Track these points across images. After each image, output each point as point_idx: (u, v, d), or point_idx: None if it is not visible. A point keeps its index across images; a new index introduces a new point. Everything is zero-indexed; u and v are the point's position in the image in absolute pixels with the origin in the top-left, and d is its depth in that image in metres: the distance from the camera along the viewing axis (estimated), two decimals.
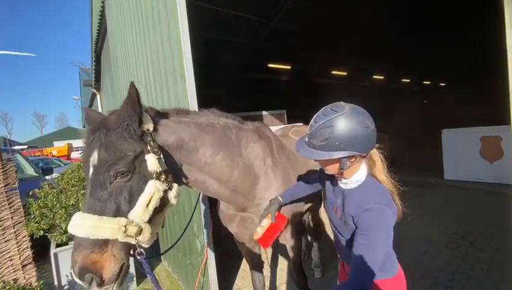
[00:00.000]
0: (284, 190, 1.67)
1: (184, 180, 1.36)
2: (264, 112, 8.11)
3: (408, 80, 19.23)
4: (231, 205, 1.69)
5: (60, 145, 26.12)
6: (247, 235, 1.78)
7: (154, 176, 1.12)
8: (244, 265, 3.30)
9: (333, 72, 14.24)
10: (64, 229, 2.77)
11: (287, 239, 1.80)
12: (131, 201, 1.08)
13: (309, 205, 2.21)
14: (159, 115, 1.30)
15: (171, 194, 1.18)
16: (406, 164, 7.58)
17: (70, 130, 53.97)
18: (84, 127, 22.66)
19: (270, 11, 8.66)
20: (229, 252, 2.67)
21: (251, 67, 11.15)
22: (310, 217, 2.96)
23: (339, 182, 1.20)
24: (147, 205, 1.09)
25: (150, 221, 1.11)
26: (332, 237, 1.45)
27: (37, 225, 2.68)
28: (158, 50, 2.73)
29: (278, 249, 3.44)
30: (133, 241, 1.07)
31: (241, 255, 2.17)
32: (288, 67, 12.43)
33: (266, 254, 2.17)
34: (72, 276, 2.72)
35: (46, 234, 2.77)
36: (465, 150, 5.71)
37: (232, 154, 1.50)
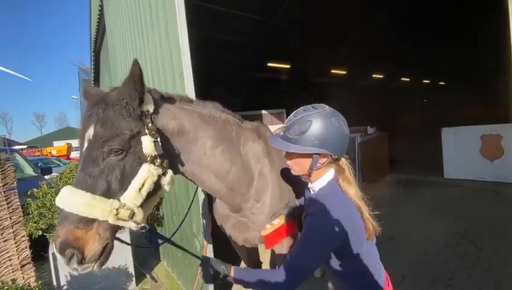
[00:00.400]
0: (279, 192, 1.65)
1: (180, 168, 1.32)
2: (263, 111, 8.07)
3: (408, 79, 19.20)
4: (226, 205, 1.67)
5: (59, 145, 26.09)
6: (241, 239, 1.76)
7: (148, 159, 1.10)
8: (244, 265, 3.29)
9: (333, 71, 14.20)
10: None
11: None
12: (123, 181, 1.06)
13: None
14: (162, 98, 1.29)
15: (165, 180, 1.16)
16: (406, 162, 7.58)
17: (70, 129, 53.92)
18: None
19: (269, 9, 8.63)
20: (228, 252, 2.66)
21: (250, 66, 11.12)
22: None
23: (309, 189, 1.19)
24: (140, 189, 1.07)
25: (142, 205, 1.10)
26: None
27: (35, 224, 2.67)
28: (156, 48, 2.71)
29: (275, 250, 3.44)
30: (126, 225, 1.06)
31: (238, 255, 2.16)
32: (288, 66, 12.40)
33: (264, 255, 2.16)
34: (69, 276, 2.72)
35: (45, 233, 2.75)
36: (465, 148, 5.70)
37: (231, 149, 1.48)
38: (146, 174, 1.08)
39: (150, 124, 1.12)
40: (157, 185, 1.14)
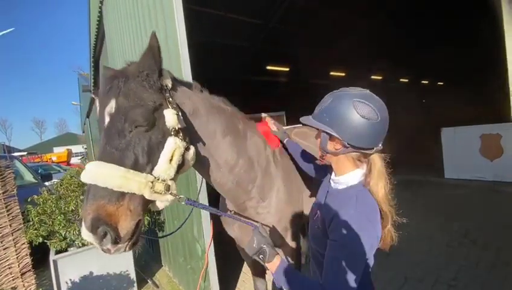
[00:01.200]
0: (285, 191, 1.64)
1: (197, 147, 1.31)
2: (263, 114, 8.10)
3: (406, 80, 19.28)
4: (232, 203, 1.65)
5: (59, 151, 26.14)
6: (247, 241, 1.74)
7: (172, 132, 1.09)
8: (246, 268, 3.28)
9: (332, 73, 14.29)
10: (63, 235, 2.75)
11: (285, 243, 1.77)
12: (150, 154, 1.04)
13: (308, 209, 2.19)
14: (176, 80, 1.30)
15: (189, 155, 1.15)
16: (406, 163, 7.57)
17: (70, 135, 54.03)
18: (83, 132, 22.68)
19: (267, 13, 8.69)
20: (230, 255, 2.65)
21: (250, 70, 11.18)
22: None
23: (330, 180, 1.11)
24: (170, 160, 1.05)
25: (174, 178, 1.09)
26: None
27: (36, 231, 2.66)
28: None
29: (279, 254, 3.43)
30: (161, 199, 1.03)
31: (241, 258, 2.15)
32: (287, 69, 12.47)
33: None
34: (70, 282, 2.71)
35: (45, 241, 2.74)
36: (465, 148, 5.72)
37: (238, 142, 1.49)
38: (173, 146, 1.06)
39: (170, 98, 1.13)
40: (182, 160, 1.13)
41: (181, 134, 1.11)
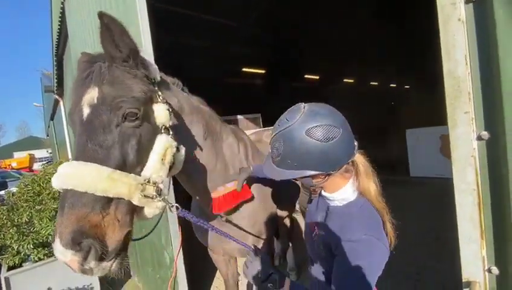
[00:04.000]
0: (257, 195, 1.62)
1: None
2: (239, 116, 8.08)
3: (376, 83, 20.23)
4: (206, 209, 1.57)
5: (20, 156, 24.22)
6: (220, 249, 1.71)
7: (162, 130, 0.97)
8: (218, 276, 3.22)
9: (306, 76, 14.63)
10: (16, 250, 2.52)
11: (260, 247, 1.75)
12: (139, 153, 0.90)
13: (285, 212, 2.19)
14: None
15: (179, 157, 1.04)
16: (375, 163, 7.91)
17: (33, 139, 50.39)
18: (47, 136, 21.21)
19: (242, 15, 8.69)
20: (201, 263, 2.58)
21: (224, 72, 11.11)
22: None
23: (324, 198, 1.03)
24: (162, 159, 0.93)
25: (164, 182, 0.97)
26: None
27: None
28: None
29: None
30: (151, 206, 0.90)
31: (214, 266, 2.09)
32: (263, 71, 12.57)
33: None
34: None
35: None
36: (427, 148, 6.12)
37: (217, 144, 1.44)
38: (166, 144, 0.94)
39: (159, 93, 1.01)
40: (173, 161, 1.02)
41: (171, 132, 1.00)
